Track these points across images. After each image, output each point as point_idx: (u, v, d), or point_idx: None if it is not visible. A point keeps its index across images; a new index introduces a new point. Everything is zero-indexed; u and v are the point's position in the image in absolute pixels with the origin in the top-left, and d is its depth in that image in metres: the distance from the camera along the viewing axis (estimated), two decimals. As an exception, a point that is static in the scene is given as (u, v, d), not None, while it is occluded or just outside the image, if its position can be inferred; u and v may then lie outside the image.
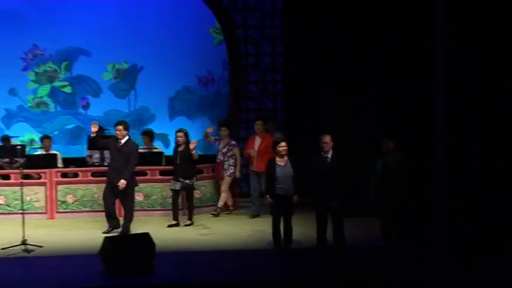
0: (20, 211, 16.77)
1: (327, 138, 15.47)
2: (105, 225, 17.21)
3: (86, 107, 22.73)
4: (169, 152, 20.29)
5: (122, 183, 16.66)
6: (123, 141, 16.98)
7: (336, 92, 19.39)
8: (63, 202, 18.89)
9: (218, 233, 17.52)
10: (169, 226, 17.58)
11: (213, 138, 19.14)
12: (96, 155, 19.37)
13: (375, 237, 16.30)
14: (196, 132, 19.56)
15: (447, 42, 15.60)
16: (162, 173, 19.06)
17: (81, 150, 21.28)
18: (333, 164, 15.45)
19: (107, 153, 18.87)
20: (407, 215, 16.22)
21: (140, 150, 19.07)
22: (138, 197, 18.62)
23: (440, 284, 14.00)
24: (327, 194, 15.36)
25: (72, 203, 18.84)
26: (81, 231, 17.32)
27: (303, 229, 16.51)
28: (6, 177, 18.90)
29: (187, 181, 17.53)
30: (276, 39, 21.56)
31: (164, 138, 21.87)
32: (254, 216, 18.63)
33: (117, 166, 16.90)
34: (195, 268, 14.86)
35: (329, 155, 15.46)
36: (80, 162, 20.12)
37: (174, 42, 22.34)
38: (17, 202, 18.13)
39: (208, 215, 18.97)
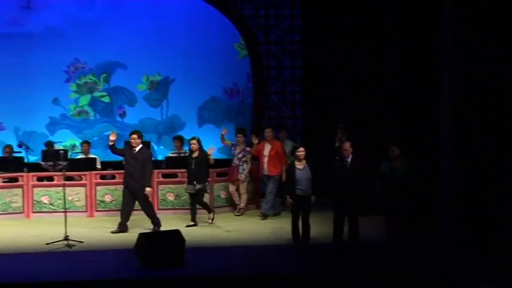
0: (63, 210, 16.92)
1: (347, 145, 15.76)
2: (141, 223, 17.41)
3: (123, 115, 22.92)
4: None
5: (148, 191, 17.01)
6: (137, 148, 17.14)
7: (349, 102, 19.48)
8: (102, 201, 19.17)
9: (242, 230, 17.65)
10: (188, 226, 17.45)
11: (229, 143, 18.99)
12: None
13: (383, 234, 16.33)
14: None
15: (452, 46, 15.45)
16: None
17: None
18: (351, 167, 15.69)
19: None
20: (413, 215, 16.21)
21: (171, 155, 19.45)
22: (170, 197, 19.11)
23: (447, 275, 14.04)
24: (346, 195, 15.58)
25: (110, 202, 19.08)
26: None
27: (320, 227, 16.66)
28: (50, 178, 18.89)
29: (200, 185, 17.46)
30: (295, 54, 21.48)
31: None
32: (266, 216, 18.63)
33: (131, 171, 17.04)
34: (222, 262, 15.05)
35: (348, 160, 15.74)
36: (117, 165, 19.79)
37: (202, 57, 22.42)
38: (59, 201, 18.23)
39: (232, 214, 19.07)
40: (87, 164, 19.64)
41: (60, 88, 22.71)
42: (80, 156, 20.33)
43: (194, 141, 17.64)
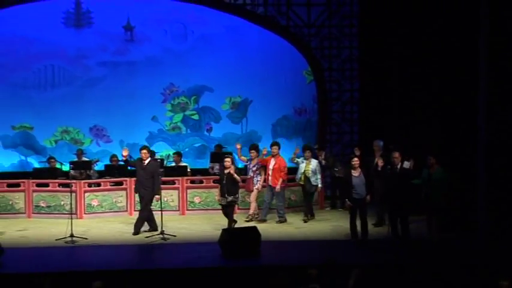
0: (159, 209, 16.85)
1: (396, 154, 15.75)
2: (218, 221, 17.23)
3: (209, 130, 22.88)
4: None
5: (157, 198, 16.83)
6: (146, 162, 16.77)
7: (399, 119, 19.65)
8: (192, 202, 19.13)
9: (307, 227, 17.49)
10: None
11: (245, 158, 18.56)
12: (216, 167, 19.07)
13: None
14: (291, 150, 18.87)
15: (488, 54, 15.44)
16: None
17: (205, 163, 21.29)
18: (400, 173, 15.73)
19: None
20: (449, 214, 16.16)
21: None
22: (196, 200, 19.13)
23: (482, 260, 13.91)
24: (397, 197, 15.60)
25: (198, 203, 19.04)
26: (205, 225, 17.43)
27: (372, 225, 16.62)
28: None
29: (231, 197, 16.58)
30: (353, 79, 21.36)
31: (268, 154, 21.67)
32: (263, 221, 17.88)
33: (142, 180, 16.71)
34: (292, 253, 15.08)
35: (398, 167, 15.74)
36: (204, 172, 20.25)
37: (276, 81, 22.41)
38: (156, 202, 17.59)
39: (298, 215, 18.66)
40: (179, 171, 19.56)
41: (157, 107, 22.77)
42: (173, 164, 20.23)
43: (228, 159, 16.82)
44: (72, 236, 15.96)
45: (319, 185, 17.98)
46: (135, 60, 22.50)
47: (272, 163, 17.77)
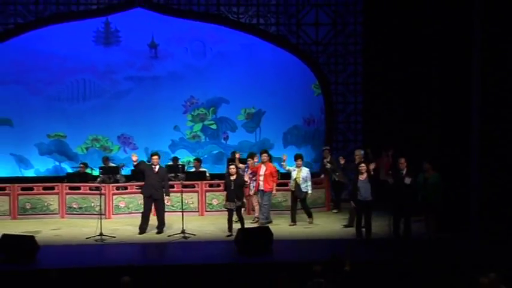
0: (180, 210, 16.98)
1: (402, 160, 15.81)
2: (234, 222, 16.86)
3: (226, 138, 22.90)
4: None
5: (168, 199, 17.05)
6: (157, 167, 16.76)
7: (399, 128, 19.75)
8: (210, 204, 19.06)
9: (316, 227, 17.40)
10: (227, 236, 16.21)
11: (243, 166, 18.10)
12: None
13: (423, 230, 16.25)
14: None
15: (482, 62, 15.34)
16: (279, 184, 18.38)
17: (222, 168, 21.16)
18: (405, 177, 15.74)
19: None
20: (444, 215, 16.10)
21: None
22: (214, 202, 19.07)
23: (478, 262, 13.66)
24: (403, 199, 15.62)
25: (216, 205, 18.93)
26: (222, 225, 16.96)
27: (379, 224, 16.57)
28: (172, 186, 18.44)
29: (239, 203, 16.38)
30: (357, 92, 21.27)
31: (280, 160, 20.72)
32: (270, 222, 17.46)
33: (154, 183, 16.63)
34: (301, 251, 15.13)
35: (404, 171, 15.79)
36: (222, 176, 19.63)
37: (286, 94, 22.38)
38: (178, 203, 18.09)
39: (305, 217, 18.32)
40: (199, 176, 19.54)
41: (179, 118, 22.83)
42: (193, 169, 20.25)
43: (233, 167, 16.73)
44: (101, 234, 16.03)
45: (309, 191, 17.60)
46: (158, 75, 22.54)
47: (263, 169, 17.48)
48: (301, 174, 17.39)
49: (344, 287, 11.26)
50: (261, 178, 17.47)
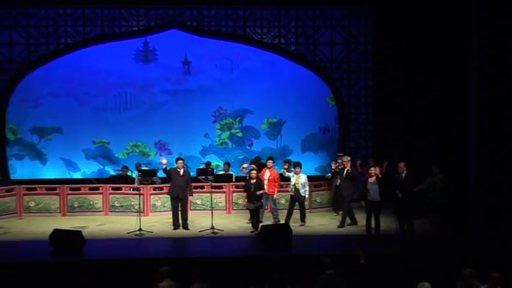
0: (210, 208, 17.24)
1: (402, 164, 15.77)
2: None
3: (251, 145, 22.81)
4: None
5: (190, 199, 17.06)
6: (182, 170, 16.83)
7: (405, 136, 19.71)
8: (236, 203, 19.03)
9: (329, 225, 17.32)
10: (252, 232, 16.31)
11: (246, 171, 18.03)
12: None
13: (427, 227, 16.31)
14: (317, 162, 18.87)
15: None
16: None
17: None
18: (404, 180, 15.69)
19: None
20: (450, 213, 16.17)
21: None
22: (240, 201, 18.90)
23: (477, 255, 13.73)
24: (403, 199, 15.55)
25: (241, 204, 18.80)
26: (247, 221, 17.27)
27: (388, 222, 16.57)
28: (202, 187, 18.85)
29: (258, 203, 16.43)
30: (368, 104, 21.24)
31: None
32: (261, 221, 16.90)
33: (180, 185, 16.70)
34: (318, 245, 15.10)
35: (403, 175, 15.72)
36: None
37: (305, 105, 22.35)
38: (208, 203, 18.33)
39: (321, 215, 18.52)
40: (227, 178, 19.52)
41: (209, 127, 22.78)
42: (222, 172, 20.30)
43: (254, 172, 16.69)
44: (140, 229, 16.14)
45: (307, 196, 17.20)
46: (191, 88, 22.53)
47: (267, 174, 17.32)
48: (300, 180, 17.03)
49: (359, 279, 11.28)
50: (266, 182, 17.24)
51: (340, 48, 21.42)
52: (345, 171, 17.14)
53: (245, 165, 18.79)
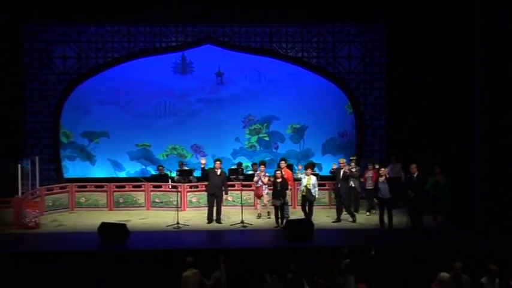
0: (240, 204, 17.20)
1: (413, 166, 15.79)
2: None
3: (276, 148, 22.70)
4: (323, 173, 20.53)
5: (226, 196, 17.18)
6: (219, 171, 16.91)
7: (415, 140, 19.57)
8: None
9: (345, 219, 17.04)
10: (275, 227, 16.18)
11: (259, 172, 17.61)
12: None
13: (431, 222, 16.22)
14: (336, 163, 19.05)
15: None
16: (322, 185, 18.56)
17: (273, 172, 20.84)
18: (416, 180, 15.74)
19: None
20: (451, 210, 16.10)
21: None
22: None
23: (477, 248, 13.83)
24: (415, 198, 15.62)
25: (268, 201, 18.34)
26: (273, 216, 17.01)
27: (400, 218, 16.44)
28: (233, 185, 18.78)
29: (283, 200, 16.32)
30: (382, 112, 21.05)
31: (319, 166, 21.49)
32: (286, 218, 16.73)
33: (217, 184, 16.77)
34: (336, 237, 15.22)
35: (415, 175, 15.74)
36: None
37: (325, 112, 22.22)
38: (238, 199, 18.17)
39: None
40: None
41: (239, 131, 22.74)
42: (251, 172, 20.19)
43: (279, 172, 16.55)
44: (178, 223, 16.26)
45: (317, 196, 16.92)
46: (223, 97, 22.51)
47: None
48: (310, 181, 16.71)
49: (371, 267, 11.30)
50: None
51: (357, 61, 21.30)
52: (341, 172, 16.94)
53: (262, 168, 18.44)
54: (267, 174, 17.74)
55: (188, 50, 21.76)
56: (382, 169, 16.19)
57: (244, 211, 16.90)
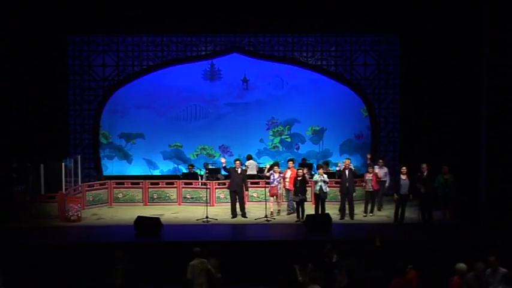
0: (264, 200, 17.08)
1: (424, 165, 15.70)
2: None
3: (297, 148, 22.70)
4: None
5: (246, 193, 17.00)
6: (239, 169, 16.75)
7: (426, 141, 19.39)
8: (285, 196, 18.08)
9: (359, 214, 16.81)
10: (296, 222, 16.05)
11: (270, 172, 17.27)
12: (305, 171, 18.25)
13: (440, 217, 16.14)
14: (353, 162, 17.82)
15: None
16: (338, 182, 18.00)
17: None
18: (426, 179, 15.66)
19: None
20: (459, 205, 16.06)
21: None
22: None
23: (484, 241, 13.68)
24: (425, 194, 15.56)
25: (285, 196, 18.08)
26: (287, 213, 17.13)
27: (411, 213, 16.29)
28: (257, 183, 18.63)
29: (303, 196, 16.17)
30: (395, 115, 20.89)
31: (336, 165, 20.54)
32: (291, 213, 16.99)
33: (238, 182, 16.55)
34: (352, 231, 15.13)
35: (425, 174, 15.65)
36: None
37: (342, 116, 22.21)
38: (262, 195, 17.94)
39: (358, 206, 17.62)
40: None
41: (263, 133, 22.78)
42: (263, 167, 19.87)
43: (301, 170, 16.44)
44: (207, 217, 16.26)
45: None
46: (248, 101, 22.56)
47: (289, 173, 16.86)
48: (323, 179, 16.43)
49: (377, 258, 11.29)
50: (287, 180, 16.93)
51: (372, 69, 21.20)
52: (347, 170, 16.65)
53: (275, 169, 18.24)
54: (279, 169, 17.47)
55: (216, 58, 21.84)
56: (404, 167, 16.07)
57: (267, 206, 16.82)
